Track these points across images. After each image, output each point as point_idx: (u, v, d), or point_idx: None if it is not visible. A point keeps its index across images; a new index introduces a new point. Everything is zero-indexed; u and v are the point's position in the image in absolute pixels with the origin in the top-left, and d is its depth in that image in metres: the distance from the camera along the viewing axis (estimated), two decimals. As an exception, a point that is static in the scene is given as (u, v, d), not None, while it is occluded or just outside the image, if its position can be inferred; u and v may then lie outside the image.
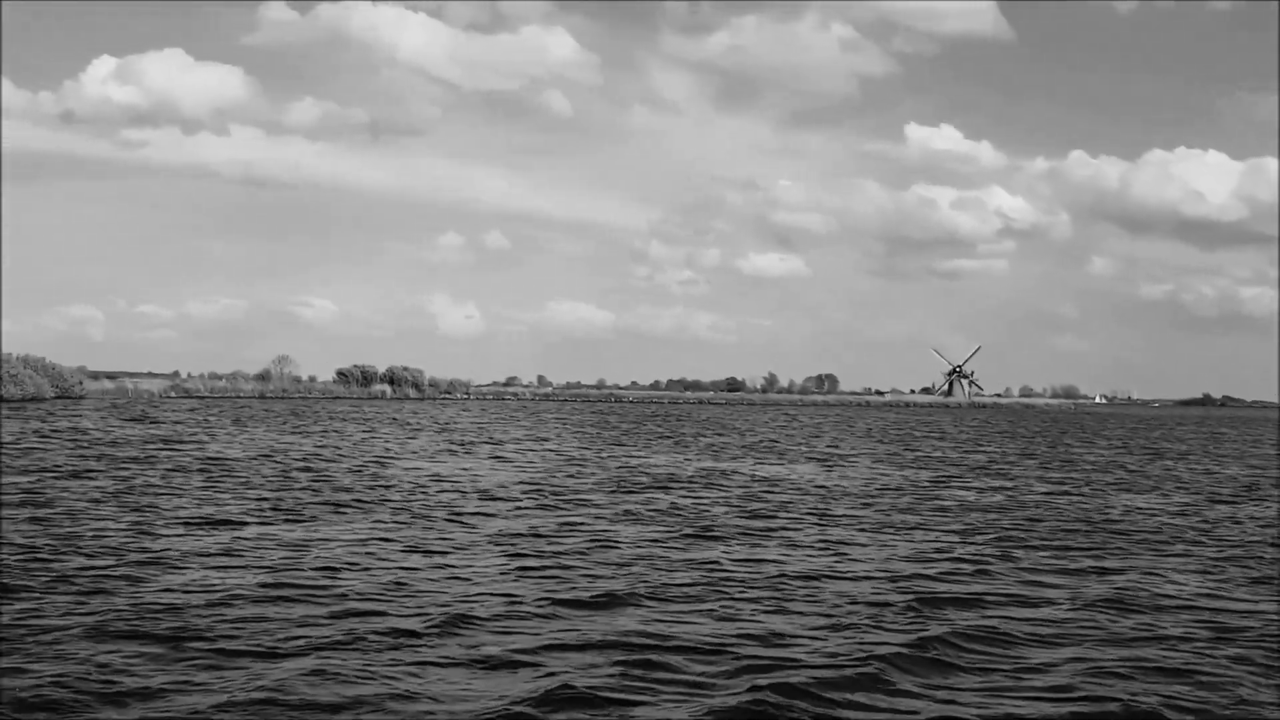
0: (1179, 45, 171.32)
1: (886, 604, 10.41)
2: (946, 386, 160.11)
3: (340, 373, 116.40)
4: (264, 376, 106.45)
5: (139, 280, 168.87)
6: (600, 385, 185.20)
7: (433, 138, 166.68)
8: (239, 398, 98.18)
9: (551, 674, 7.89)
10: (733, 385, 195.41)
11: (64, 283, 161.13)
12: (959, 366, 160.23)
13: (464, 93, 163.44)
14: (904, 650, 8.58)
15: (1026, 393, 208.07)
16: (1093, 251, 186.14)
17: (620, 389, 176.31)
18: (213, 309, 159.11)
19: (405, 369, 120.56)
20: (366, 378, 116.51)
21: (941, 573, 12.23)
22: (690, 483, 23.15)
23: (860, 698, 7.49)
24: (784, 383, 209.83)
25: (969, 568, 12.63)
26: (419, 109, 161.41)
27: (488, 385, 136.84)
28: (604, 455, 31.84)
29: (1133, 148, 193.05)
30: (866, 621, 9.65)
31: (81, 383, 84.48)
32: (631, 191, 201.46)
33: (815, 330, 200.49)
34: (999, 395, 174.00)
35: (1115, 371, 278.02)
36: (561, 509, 17.77)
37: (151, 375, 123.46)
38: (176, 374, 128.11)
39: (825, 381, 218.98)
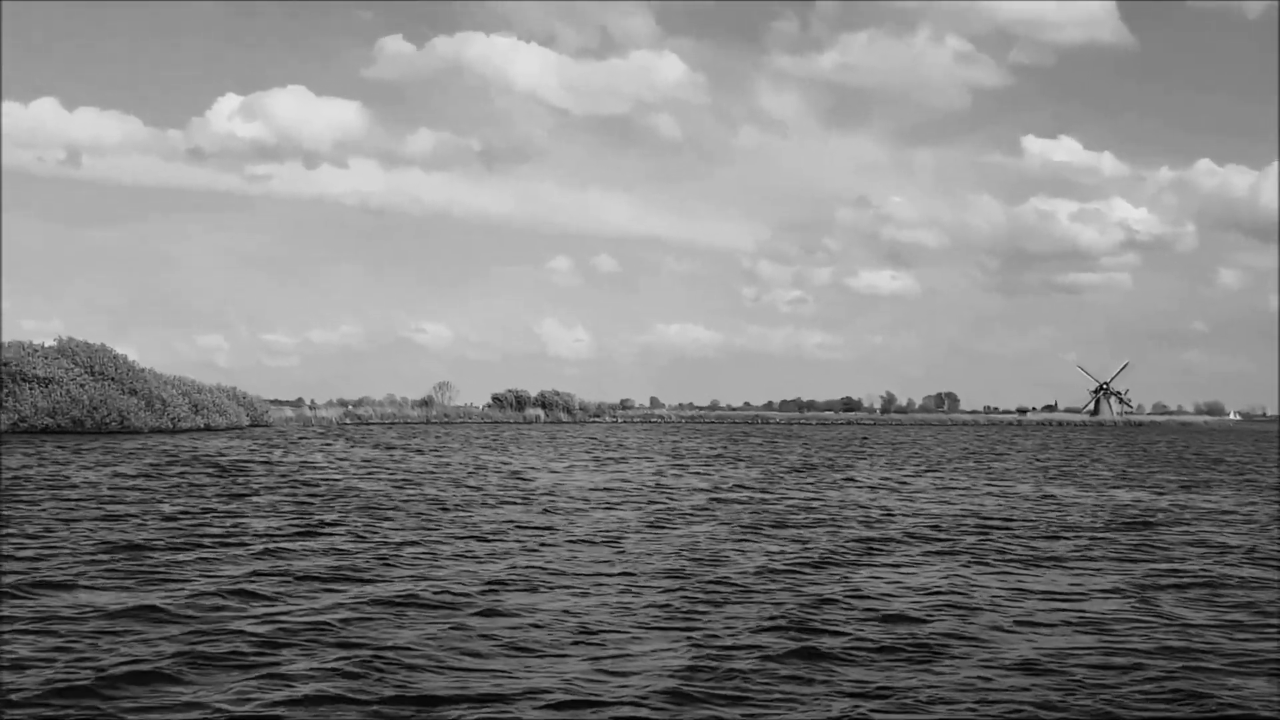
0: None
1: None
2: (1093, 405, 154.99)
3: (495, 397, 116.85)
4: (426, 402, 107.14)
5: (263, 308, 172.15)
6: (713, 406, 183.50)
7: (544, 163, 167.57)
8: (408, 423, 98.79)
9: None
10: (848, 405, 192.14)
11: (194, 311, 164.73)
12: (1106, 384, 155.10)
13: (575, 118, 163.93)
14: None
15: (1160, 409, 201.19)
16: (1220, 263, 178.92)
17: (733, 409, 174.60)
18: (334, 336, 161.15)
19: (556, 393, 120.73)
20: (520, 402, 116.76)
21: None
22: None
23: None
24: (902, 401, 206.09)
25: None
26: (531, 135, 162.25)
27: (636, 410, 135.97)
28: (978, 482, 30.15)
29: (1261, 156, 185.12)
30: None
31: (268, 411, 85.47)
32: (740, 211, 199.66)
33: (928, 348, 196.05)
34: (1130, 412, 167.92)
35: (1247, 386, 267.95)
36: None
37: (278, 402, 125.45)
38: (300, 400, 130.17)
39: (945, 400, 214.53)
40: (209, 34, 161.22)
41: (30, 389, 60.93)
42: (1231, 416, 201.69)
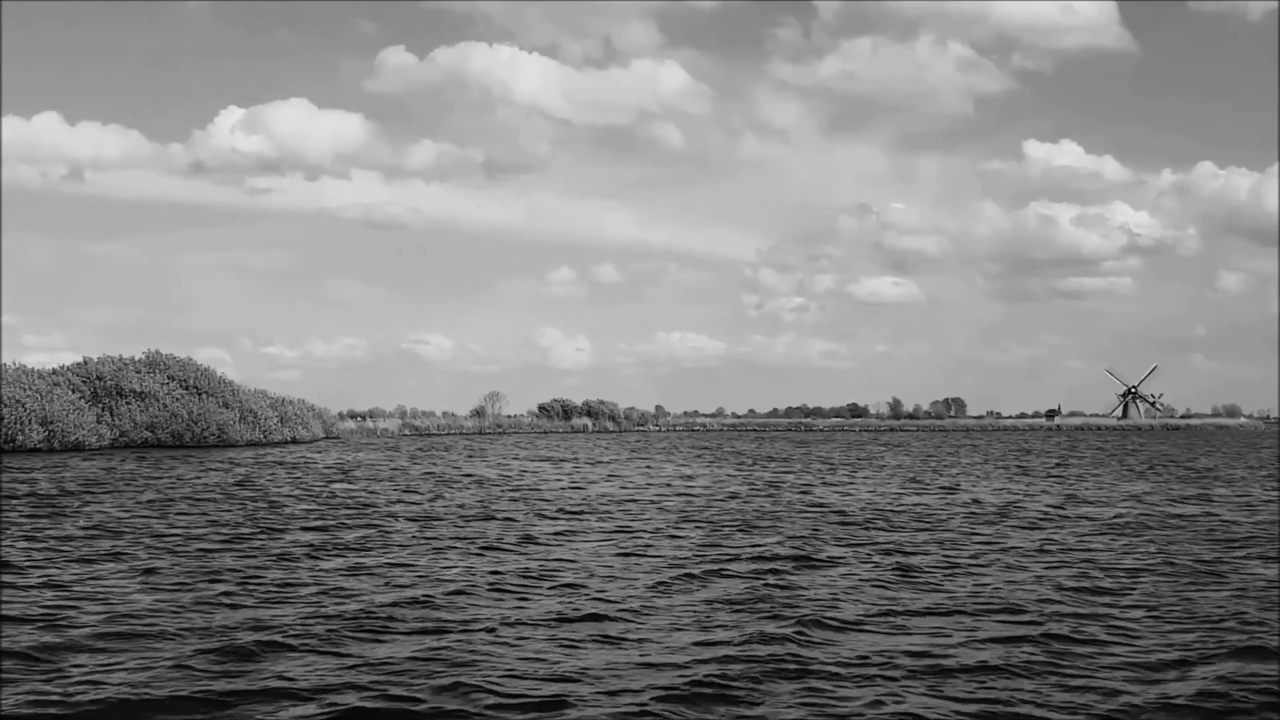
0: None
1: None
2: (1121, 409, 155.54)
3: (541, 407, 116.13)
4: (479, 413, 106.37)
5: (265, 321, 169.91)
6: (719, 413, 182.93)
7: (546, 174, 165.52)
8: (462, 433, 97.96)
9: None
10: (855, 412, 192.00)
11: (196, 324, 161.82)
12: (1134, 388, 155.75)
13: (577, 128, 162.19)
14: None
15: (1168, 412, 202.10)
16: (1222, 266, 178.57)
17: (737, 417, 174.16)
18: (335, 348, 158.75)
19: (601, 402, 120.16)
20: (566, 412, 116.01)
21: None
22: None
23: None
24: (908, 407, 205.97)
25: None
26: (533, 146, 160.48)
27: (678, 419, 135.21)
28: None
29: (1263, 158, 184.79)
30: None
31: (336, 423, 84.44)
32: (742, 220, 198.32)
33: (931, 354, 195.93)
34: (1160, 415, 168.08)
35: (1249, 390, 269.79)
36: None
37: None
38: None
39: (951, 405, 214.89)
40: (210, 47, 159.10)
41: (127, 403, 59.65)
42: (1242, 420, 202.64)
